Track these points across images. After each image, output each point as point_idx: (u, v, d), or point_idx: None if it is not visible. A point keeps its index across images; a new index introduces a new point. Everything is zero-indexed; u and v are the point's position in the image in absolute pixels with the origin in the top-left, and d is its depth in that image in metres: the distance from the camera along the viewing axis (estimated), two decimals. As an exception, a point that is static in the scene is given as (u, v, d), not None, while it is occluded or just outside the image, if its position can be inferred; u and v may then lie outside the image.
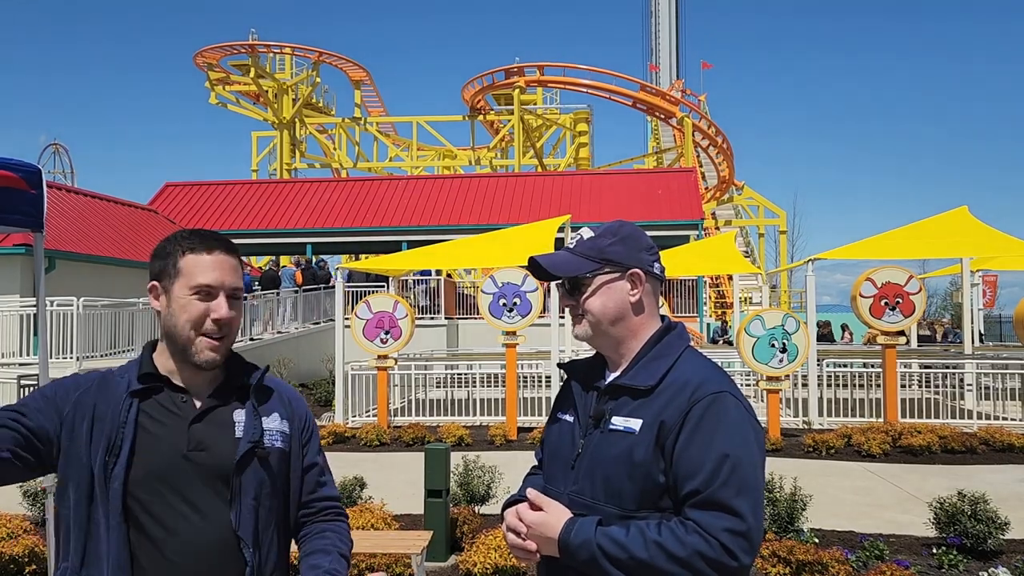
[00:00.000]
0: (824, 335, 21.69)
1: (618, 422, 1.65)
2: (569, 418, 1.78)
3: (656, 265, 1.77)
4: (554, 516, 1.64)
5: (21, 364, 12.45)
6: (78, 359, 12.02)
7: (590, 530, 1.57)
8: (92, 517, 1.61)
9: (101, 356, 12.80)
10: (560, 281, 1.79)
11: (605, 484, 1.64)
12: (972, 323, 14.07)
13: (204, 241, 1.73)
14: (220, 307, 1.70)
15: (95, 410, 1.65)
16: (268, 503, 1.72)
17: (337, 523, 1.87)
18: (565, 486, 1.71)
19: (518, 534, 1.68)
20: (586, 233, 1.80)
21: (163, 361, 1.73)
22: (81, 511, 1.61)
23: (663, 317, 1.80)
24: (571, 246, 1.80)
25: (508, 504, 1.79)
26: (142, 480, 1.61)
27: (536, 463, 1.94)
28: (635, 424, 1.63)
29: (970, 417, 11.54)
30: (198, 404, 1.70)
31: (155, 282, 1.73)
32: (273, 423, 1.75)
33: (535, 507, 1.68)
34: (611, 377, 1.75)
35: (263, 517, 1.71)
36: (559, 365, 1.99)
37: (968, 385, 12.47)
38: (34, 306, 12.93)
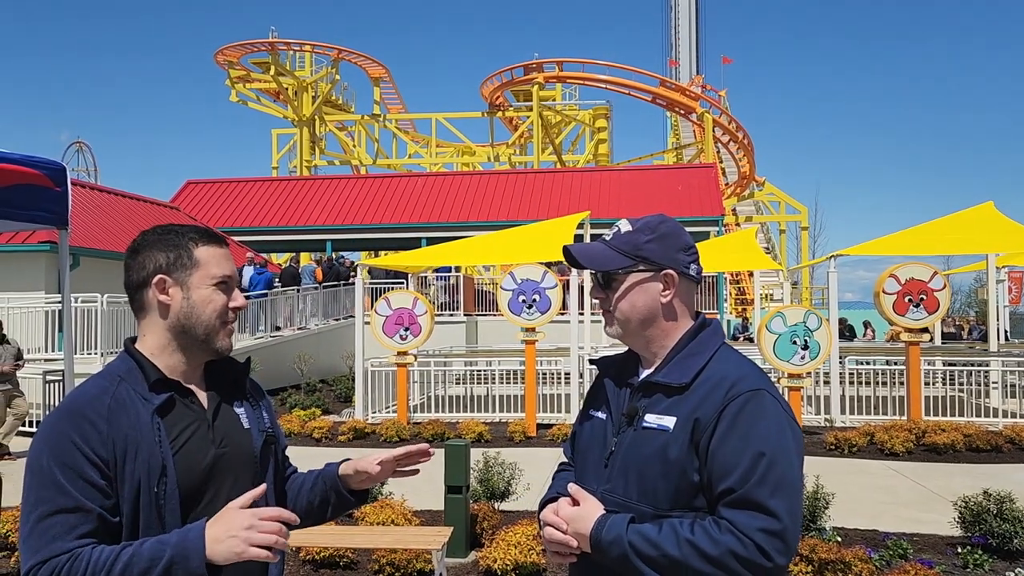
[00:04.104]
0: (843, 332, 21.49)
1: (652, 420, 1.63)
2: (602, 415, 1.75)
3: (692, 267, 1.74)
4: (587, 511, 1.63)
5: (46, 360, 12.61)
6: (102, 355, 12.15)
7: (622, 527, 1.56)
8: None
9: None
10: (593, 272, 1.76)
11: (639, 483, 1.61)
12: (997, 320, 13.87)
13: (211, 234, 1.76)
14: (239, 296, 1.76)
15: (127, 442, 1.57)
16: (277, 486, 1.82)
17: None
18: (598, 484, 1.68)
19: (558, 530, 1.66)
20: (624, 226, 1.75)
21: (164, 359, 1.69)
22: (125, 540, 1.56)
23: (698, 314, 1.76)
24: (607, 238, 1.76)
25: (545, 503, 1.76)
26: (188, 490, 1.62)
27: (565, 460, 1.92)
28: (669, 422, 1.60)
29: (995, 415, 11.40)
30: (204, 400, 1.72)
31: (164, 275, 1.68)
32: (264, 410, 1.84)
33: (575, 502, 1.66)
34: (644, 374, 1.72)
35: (277, 500, 1.81)
36: (592, 361, 1.97)
37: (993, 383, 12.31)
38: (59, 302, 13.09)
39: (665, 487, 1.59)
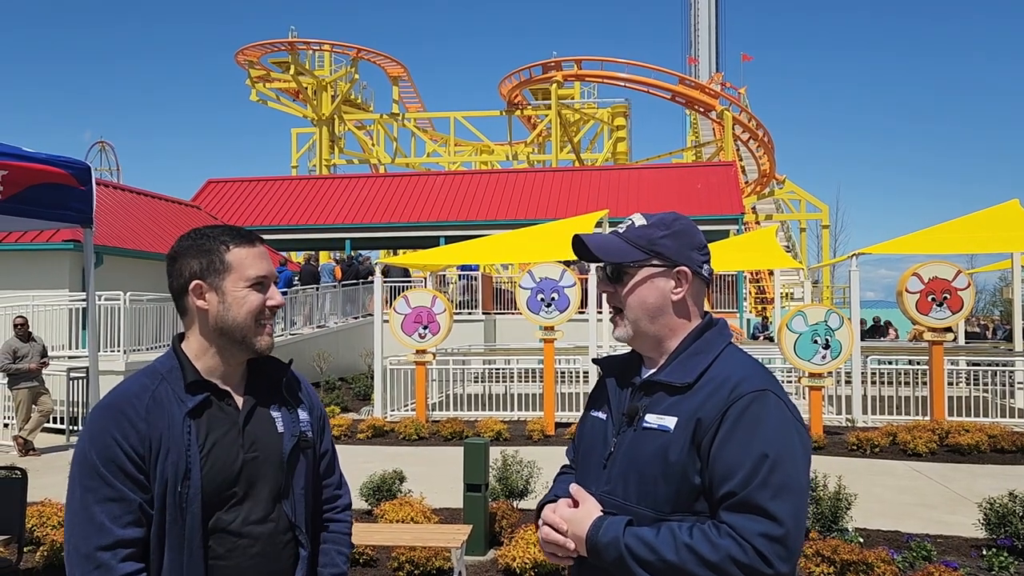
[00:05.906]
0: (874, 329, 21.32)
1: (652, 420, 1.58)
2: (602, 415, 1.72)
3: (705, 267, 1.70)
4: (585, 513, 1.59)
5: (70, 357, 12.76)
6: (125, 352, 12.28)
7: (618, 529, 1.52)
8: (166, 541, 1.63)
9: (147, 349, 13.07)
10: (602, 264, 1.71)
11: (638, 485, 1.57)
12: (1023, 320, 13.68)
13: (243, 235, 1.78)
14: (275, 295, 1.78)
15: (161, 441, 1.64)
16: (310, 491, 1.81)
17: (338, 523, 1.93)
18: (597, 487, 1.64)
19: (557, 531, 1.62)
20: (638, 220, 1.71)
21: (204, 361, 1.73)
22: (153, 537, 1.63)
23: (705, 313, 1.72)
24: (620, 230, 1.72)
25: (542, 504, 1.73)
26: (213, 492, 1.65)
27: (568, 463, 1.89)
28: (670, 422, 1.55)
29: (1020, 416, 11.26)
30: (239, 402, 1.74)
31: (199, 281, 1.71)
32: (303, 414, 1.83)
33: (575, 503, 1.62)
34: (647, 373, 1.68)
35: (309, 505, 1.80)
36: (594, 361, 1.92)
37: (1019, 383, 12.15)
38: (82, 300, 13.22)
39: (665, 489, 1.54)
